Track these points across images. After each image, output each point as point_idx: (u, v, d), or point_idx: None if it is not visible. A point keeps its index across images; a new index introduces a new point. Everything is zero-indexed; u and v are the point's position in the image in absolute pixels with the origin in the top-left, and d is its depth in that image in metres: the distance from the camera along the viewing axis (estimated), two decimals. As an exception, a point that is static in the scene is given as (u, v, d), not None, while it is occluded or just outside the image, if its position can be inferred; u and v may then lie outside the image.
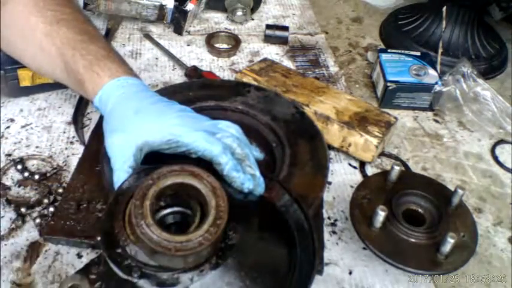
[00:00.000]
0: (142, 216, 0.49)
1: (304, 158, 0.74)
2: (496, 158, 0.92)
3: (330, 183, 0.82)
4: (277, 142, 0.78)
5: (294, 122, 0.81)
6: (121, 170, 0.59)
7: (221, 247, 0.52)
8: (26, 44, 0.74)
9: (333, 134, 0.85)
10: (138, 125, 0.61)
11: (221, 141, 0.60)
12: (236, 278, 0.51)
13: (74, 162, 0.80)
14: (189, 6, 1.14)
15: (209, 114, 0.67)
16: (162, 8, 1.12)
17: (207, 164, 0.59)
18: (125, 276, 0.50)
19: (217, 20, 1.24)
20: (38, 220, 0.70)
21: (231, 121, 0.66)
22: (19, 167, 0.78)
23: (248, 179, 0.59)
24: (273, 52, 1.14)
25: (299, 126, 0.80)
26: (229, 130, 0.63)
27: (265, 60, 1.02)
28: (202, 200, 0.52)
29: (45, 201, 0.73)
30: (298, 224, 0.58)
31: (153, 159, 0.62)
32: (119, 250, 0.51)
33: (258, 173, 0.60)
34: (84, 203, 0.70)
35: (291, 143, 0.77)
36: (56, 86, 0.92)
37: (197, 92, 0.84)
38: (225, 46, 1.14)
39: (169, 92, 0.75)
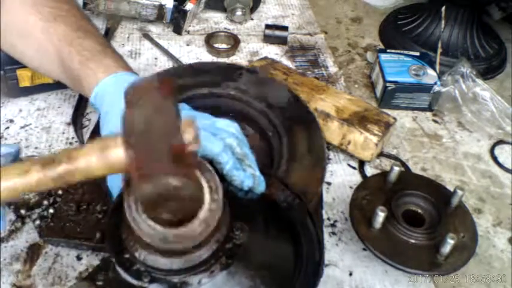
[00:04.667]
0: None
1: (301, 149, 0.74)
2: (495, 159, 0.92)
3: (329, 184, 0.83)
4: (273, 130, 0.77)
5: (289, 107, 0.79)
6: (114, 176, 0.59)
7: (229, 247, 0.52)
8: (25, 43, 0.74)
9: (332, 131, 0.85)
10: None
11: (221, 140, 0.60)
12: (246, 277, 0.51)
13: (73, 163, 0.80)
14: (189, 6, 1.14)
15: (202, 102, 0.66)
16: (161, 7, 1.12)
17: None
18: (134, 282, 0.49)
19: (216, 19, 1.23)
20: (37, 222, 0.70)
21: (228, 119, 0.65)
22: (18, 168, 0.77)
23: (248, 177, 0.59)
24: (272, 52, 1.13)
25: (294, 112, 0.79)
26: (229, 129, 0.63)
27: (265, 58, 1.01)
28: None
29: (45, 202, 0.73)
30: (301, 218, 0.58)
31: None
32: (127, 255, 0.50)
33: (258, 173, 0.60)
34: (83, 204, 0.70)
35: (287, 130, 0.76)
36: (55, 86, 0.92)
37: (188, 79, 0.82)
38: (224, 46, 1.14)
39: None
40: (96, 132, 0.80)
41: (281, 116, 0.78)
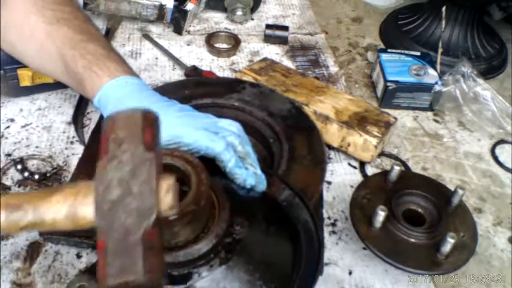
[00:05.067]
0: None
1: (302, 152, 0.75)
2: (496, 158, 0.92)
3: (329, 183, 0.82)
4: (275, 137, 0.78)
5: (290, 117, 0.81)
6: None
7: (229, 242, 0.52)
8: (26, 44, 0.74)
9: (332, 133, 0.85)
10: None
11: (223, 139, 0.60)
12: (245, 272, 0.52)
13: (74, 162, 0.80)
14: (189, 6, 1.14)
15: (206, 112, 0.68)
16: (161, 7, 1.12)
17: (209, 162, 0.59)
18: None
19: (217, 19, 1.24)
20: (37, 220, 0.70)
21: (230, 119, 0.66)
22: (19, 167, 0.78)
23: (250, 175, 0.59)
24: (273, 52, 1.14)
25: (295, 121, 0.80)
26: (231, 128, 0.63)
27: (265, 59, 1.02)
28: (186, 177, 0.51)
29: (45, 201, 0.73)
30: (301, 217, 0.58)
31: None
32: None
33: (259, 171, 0.61)
34: (84, 203, 0.70)
35: (288, 137, 0.77)
36: (55, 86, 0.92)
37: (193, 90, 0.84)
38: (224, 46, 1.14)
39: (165, 91, 0.75)
40: (97, 132, 0.81)
41: (282, 124, 0.79)
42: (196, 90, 0.84)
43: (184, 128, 0.60)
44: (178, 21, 1.14)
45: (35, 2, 0.73)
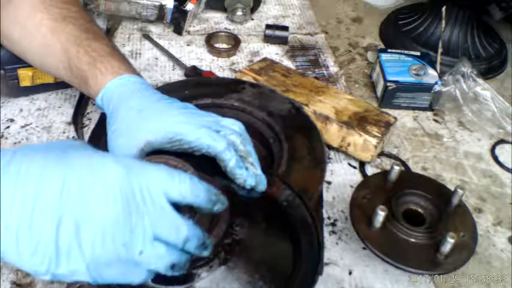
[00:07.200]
0: None
1: (302, 153, 0.75)
2: (495, 158, 0.92)
3: (329, 183, 0.82)
4: (275, 137, 0.78)
5: (290, 117, 0.81)
6: None
7: (229, 243, 0.52)
8: (31, 41, 0.75)
9: (332, 133, 0.85)
10: (140, 125, 0.61)
11: (225, 138, 0.60)
12: (245, 272, 0.52)
13: (73, 162, 0.80)
14: (189, 6, 1.14)
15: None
16: (161, 8, 1.12)
17: (210, 161, 0.59)
18: None
19: (217, 20, 1.24)
20: (37, 220, 0.70)
21: (233, 118, 0.66)
22: (19, 167, 0.77)
23: (250, 175, 0.59)
24: (273, 52, 1.14)
25: (295, 121, 0.80)
26: (233, 127, 0.63)
27: (265, 59, 1.02)
28: None
29: (45, 201, 0.73)
30: (301, 217, 0.58)
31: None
32: None
33: (259, 171, 0.61)
34: (84, 203, 0.70)
35: (288, 137, 0.77)
36: (55, 86, 0.92)
37: (193, 90, 0.84)
38: (224, 46, 1.14)
39: (165, 91, 0.75)
40: (96, 132, 0.81)
41: (282, 124, 0.79)
42: (196, 90, 0.84)
43: (186, 126, 0.60)
44: (178, 21, 1.14)
45: (42, 0, 0.73)
